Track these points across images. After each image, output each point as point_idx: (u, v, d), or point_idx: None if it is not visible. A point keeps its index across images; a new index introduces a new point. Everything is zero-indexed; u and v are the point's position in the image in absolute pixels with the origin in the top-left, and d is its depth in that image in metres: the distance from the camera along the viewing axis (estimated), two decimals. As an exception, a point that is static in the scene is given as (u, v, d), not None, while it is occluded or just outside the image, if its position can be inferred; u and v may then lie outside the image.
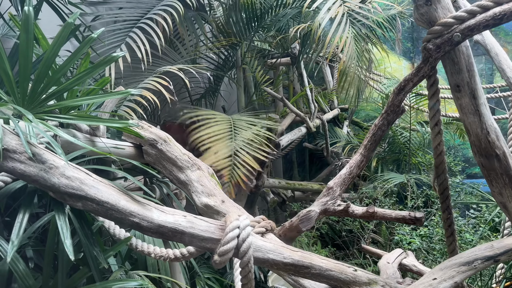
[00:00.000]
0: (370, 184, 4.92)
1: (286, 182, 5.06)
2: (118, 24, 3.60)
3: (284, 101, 4.63)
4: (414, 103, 5.17)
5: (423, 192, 4.63)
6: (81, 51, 1.93)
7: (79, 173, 1.57)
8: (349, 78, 3.75)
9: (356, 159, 2.03)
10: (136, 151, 2.46)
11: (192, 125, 3.40)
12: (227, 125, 3.58)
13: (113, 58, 2.00)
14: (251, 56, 4.89)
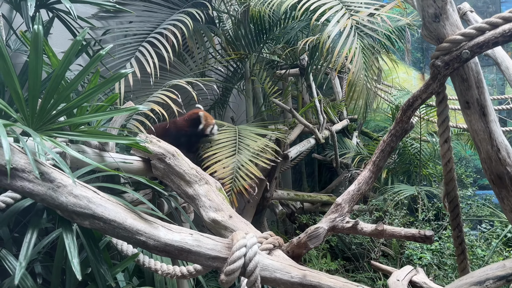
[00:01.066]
0: (380, 196, 4.86)
1: (295, 194, 5.04)
2: (128, 38, 3.65)
3: (292, 112, 4.62)
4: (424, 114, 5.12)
5: (434, 205, 4.56)
6: (90, 67, 1.95)
7: (86, 192, 1.58)
8: (358, 89, 3.73)
9: (364, 175, 2.01)
10: (144, 165, 2.48)
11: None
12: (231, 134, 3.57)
13: (122, 75, 2.02)
14: (260, 67, 4.90)
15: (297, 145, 4.71)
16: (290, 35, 4.36)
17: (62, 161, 1.51)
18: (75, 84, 1.92)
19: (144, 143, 2.31)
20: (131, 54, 3.46)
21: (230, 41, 4.38)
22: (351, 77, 3.46)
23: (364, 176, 1.98)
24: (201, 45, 4.03)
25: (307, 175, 6.54)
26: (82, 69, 1.92)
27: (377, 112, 5.57)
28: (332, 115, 5.68)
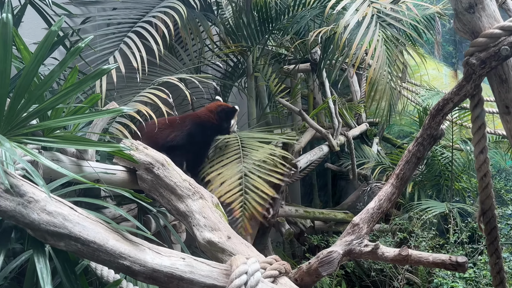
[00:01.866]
0: (405, 213, 4.85)
1: (305, 210, 5.04)
2: (112, 28, 3.68)
3: (302, 114, 4.63)
4: (457, 118, 5.12)
5: (468, 225, 4.55)
6: (67, 62, 1.97)
7: (62, 208, 1.59)
8: (380, 88, 3.75)
9: (386, 191, 2.02)
10: (129, 176, 2.49)
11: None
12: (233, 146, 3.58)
13: (104, 71, 2.04)
14: (264, 62, 4.91)
15: (308, 153, 4.72)
16: (300, 24, 4.38)
17: (35, 171, 1.53)
18: (49, 82, 1.94)
19: (129, 150, 2.32)
20: (114, 46, 3.49)
21: (230, 31, 4.40)
22: (372, 74, 3.48)
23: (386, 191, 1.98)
24: (196, 36, 4.05)
25: (319, 189, 6.53)
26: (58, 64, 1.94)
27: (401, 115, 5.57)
28: (349, 118, 5.69)
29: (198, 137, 3.27)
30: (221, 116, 3.34)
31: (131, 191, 2.13)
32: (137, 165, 2.45)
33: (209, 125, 3.31)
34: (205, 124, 3.31)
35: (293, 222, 5.16)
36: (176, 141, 3.23)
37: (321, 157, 5.13)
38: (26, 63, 2.04)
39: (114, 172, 2.37)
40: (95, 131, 2.36)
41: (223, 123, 3.35)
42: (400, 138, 6.42)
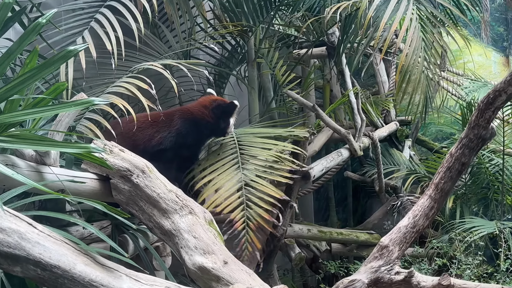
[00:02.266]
0: (444, 234, 4.83)
1: (319, 230, 5.02)
2: (81, 2, 3.68)
3: (317, 110, 4.61)
4: (509, 116, 5.11)
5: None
6: (23, 43, 1.98)
7: (18, 224, 1.59)
8: (413, 78, 3.75)
9: (423, 205, 2.01)
10: (101, 185, 2.49)
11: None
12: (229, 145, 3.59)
13: (70, 53, 2.05)
14: (269, 46, 4.91)
15: (323, 158, 4.70)
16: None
17: (-16, 179, 1.52)
18: (2, 67, 1.94)
19: (101, 153, 2.32)
20: (84, 25, 3.49)
21: (227, 7, 4.40)
22: (403, 60, 3.47)
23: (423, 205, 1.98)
24: (185, 13, 4.05)
25: (337, 203, 6.50)
26: (13, 45, 1.95)
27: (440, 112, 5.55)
28: (375, 115, 5.68)
29: (189, 138, 3.27)
30: (216, 113, 3.34)
31: (104, 204, 2.12)
32: (111, 172, 2.44)
33: (203, 124, 3.31)
34: (198, 122, 3.30)
35: (305, 245, 5.14)
36: (163, 144, 3.23)
37: (339, 164, 5.11)
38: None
39: (82, 180, 2.37)
40: (60, 129, 2.35)
41: (220, 122, 3.35)
42: (438, 141, 6.39)
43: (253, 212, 3.17)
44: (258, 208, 3.19)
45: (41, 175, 2.24)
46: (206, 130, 3.36)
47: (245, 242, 3.13)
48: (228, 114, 3.37)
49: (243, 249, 3.13)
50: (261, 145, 3.57)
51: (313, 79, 5.50)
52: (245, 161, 3.44)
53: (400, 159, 5.79)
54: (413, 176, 5.50)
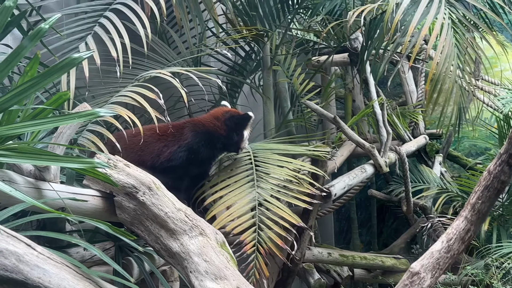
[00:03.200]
0: (479, 260, 4.77)
1: (341, 254, 4.98)
2: (84, 6, 3.71)
3: (338, 122, 4.60)
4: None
5: None
6: (24, 50, 2.00)
7: (15, 245, 1.59)
8: (445, 88, 3.72)
9: (458, 227, 1.99)
10: (104, 203, 2.49)
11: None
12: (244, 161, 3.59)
13: (75, 60, 2.06)
14: (286, 52, 4.91)
15: (345, 175, 4.67)
16: (335, 1, 4.40)
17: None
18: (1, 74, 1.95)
19: (105, 168, 2.32)
20: (87, 30, 3.52)
21: (240, 10, 4.42)
22: (434, 68, 3.45)
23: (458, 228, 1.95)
24: (196, 17, 4.08)
25: (360, 224, 6.47)
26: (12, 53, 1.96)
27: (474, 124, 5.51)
28: (402, 128, 5.65)
29: (201, 153, 3.26)
30: (229, 125, 3.34)
31: (107, 223, 2.12)
32: (115, 188, 2.44)
33: (216, 137, 3.31)
34: (210, 135, 3.30)
35: (325, 270, 5.10)
36: (173, 160, 3.22)
37: (363, 181, 5.07)
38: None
39: (85, 198, 2.37)
40: (61, 142, 2.37)
41: (233, 135, 3.35)
42: (471, 156, 6.34)
43: (265, 235, 3.15)
44: (271, 232, 3.16)
45: (40, 191, 2.25)
46: (218, 144, 3.36)
47: (253, 268, 3.11)
48: (242, 126, 3.38)
49: (250, 275, 3.11)
50: (278, 163, 3.57)
51: (334, 89, 5.49)
52: (260, 179, 3.43)
53: (430, 176, 5.74)
54: (445, 195, 5.45)
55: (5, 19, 1.92)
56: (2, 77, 1.96)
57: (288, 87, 5.09)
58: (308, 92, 4.89)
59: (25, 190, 2.18)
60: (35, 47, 2.30)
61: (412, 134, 5.97)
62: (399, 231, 6.22)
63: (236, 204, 3.30)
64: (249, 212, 3.27)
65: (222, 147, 3.42)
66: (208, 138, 3.31)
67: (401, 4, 3.47)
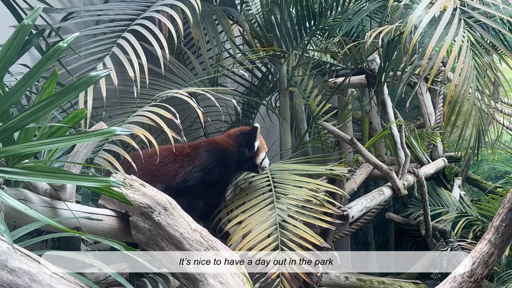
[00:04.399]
0: (501, 286, 4.68)
1: (358, 278, 4.91)
2: (102, 26, 3.74)
3: (355, 144, 4.57)
4: None
5: None
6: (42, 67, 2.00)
7: (29, 264, 1.58)
8: (464, 110, 3.68)
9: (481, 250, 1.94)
10: (119, 223, 2.48)
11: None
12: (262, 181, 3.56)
13: (92, 79, 2.06)
14: (303, 73, 4.91)
15: (362, 197, 4.62)
16: (352, 23, 4.40)
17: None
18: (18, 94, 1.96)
19: (121, 187, 2.31)
20: (105, 51, 3.54)
21: (257, 31, 4.43)
22: (453, 90, 3.41)
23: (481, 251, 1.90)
24: (213, 38, 4.09)
25: (378, 248, 6.40)
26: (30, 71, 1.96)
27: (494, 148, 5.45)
28: (420, 150, 5.60)
29: (216, 173, 3.24)
30: (240, 141, 3.35)
31: (122, 243, 2.10)
32: (130, 208, 2.43)
33: (229, 155, 3.30)
34: (224, 153, 3.29)
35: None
36: (188, 181, 3.20)
37: (380, 204, 5.03)
38: (-13, 68, 2.07)
39: (100, 217, 2.36)
40: (77, 160, 2.36)
41: (244, 151, 3.33)
42: (491, 180, 6.26)
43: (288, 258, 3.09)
44: (294, 255, 3.11)
45: (55, 211, 2.24)
46: (232, 162, 3.33)
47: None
48: (251, 139, 3.36)
49: None
50: (297, 183, 3.53)
51: (350, 110, 5.47)
52: (280, 200, 3.39)
53: (449, 199, 5.68)
54: (464, 219, 5.37)
55: (24, 37, 1.93)
56: (20, 95, 1.96)
57: (305, 108, 5.08)
58: (325, 114, 4.87)
59: (41, 209, 2.17)
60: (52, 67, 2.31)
61: (431, 157, 5.93)
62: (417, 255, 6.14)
63: (257, 228, 3.25)
64: (270, 235, 3.22)
65: (237, 165, 3.38)
66: (222, 157, 3.28)
67: (419, 25, 3.45)
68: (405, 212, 5.90)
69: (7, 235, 1.51)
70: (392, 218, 5.94)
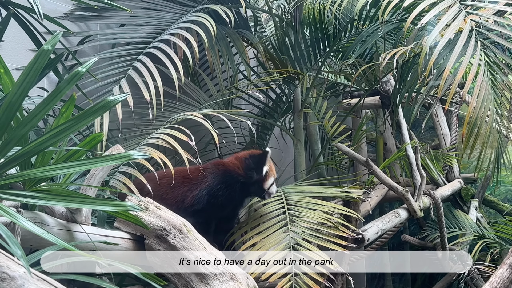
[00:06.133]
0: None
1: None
2: (118, 49, 3.78)
3: (370, 165, 4.54)
4: None
5: None
6: (61, 93, 2.01)
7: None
8: (482, 132, 3.65)
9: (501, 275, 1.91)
10: (134, 246, 2.48)
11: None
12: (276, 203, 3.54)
13: (110, 103, 2.07)
14: (317, 94, 4.92)
15: (378, 219, 4.58)
16: (366, 44, 4.40)
17: (12, 237, 1.52)
18: (36, 118, 1.97)
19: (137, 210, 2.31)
20: (121, 73, 3.57)
21: (271, 53, 4.46)
22: (470, 112, 3.39)
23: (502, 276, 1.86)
24: (227, 60, 4.12)
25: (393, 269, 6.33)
26: (49, 95, 1.98)
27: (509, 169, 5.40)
28: (435, 172, 5.56)
29: (221, 195, 3.20)
30: (248, 163, 3.30)
31: (137, 267, 2.10)
32: (145, 231, 2.43)
33: (235, 177, 3.26)
34: (230, 175, 3.26)
35: (357, 318, 4.97)
36: (195, 205, 3.17)
37: (396, 226, 4.97)
38: (6, 92, 2.10)
39: (115, 241, 2.36)
40: (93, 183, 2.37)
41: (252, 173, 3.29)
42: (508, 202, 6.20)
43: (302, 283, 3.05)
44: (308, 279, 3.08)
45: (71, 234, 2.25)
46: (238, 185, 3.27)
47: None
48: (260, 162, 3.31)
49: None
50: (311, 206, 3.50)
51: (365, 131, 5.45)
52: (293, 223, 3.36)
53: (465, 221, 5.62)
54: (482, 242, 5.31)
55: (43, 62, 1.95)
56: (38, 120, 1.97)
57: (319, 129, 5.08)
58: (339, 135, 4.86)
59: (57, 232, 2.18)
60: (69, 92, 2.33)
61: (447, 178, 5.88)
62: (434, 278, 6.07)
63: (270, 251, 3.21)
64: (284, 258, 3.18)
65: (244, 188, 3.31)
66: (227, 178, 3.24)
67: (434, 47, 3.44)
68: (421, 234, 5.86)
69: (24, 260, 1.51)
70: (408, 240, 5.89)
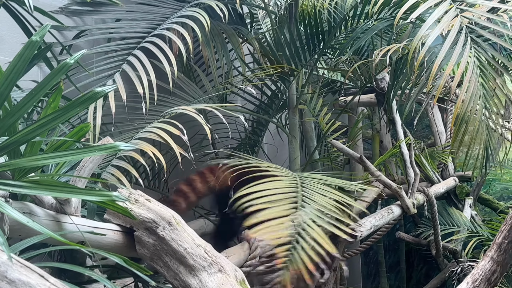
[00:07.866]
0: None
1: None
2: (113, 44, 3.78)
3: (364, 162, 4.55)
4: None
5: None
6: (49, 83, 2.02)
7: (29, 275, 1.57)
8: (471, 128, 3.65)
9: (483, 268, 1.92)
10: (124, 238, 2.48)
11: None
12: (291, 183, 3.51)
13: (98, 94, 2.07)
14: (313, 91, 4.92)
15: (371, 216, 4.59)
16: (361, 41, 4.40)
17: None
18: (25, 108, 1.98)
19: (125, 202, 2.32)
20: (115, 68, 3.57)
21: (267, 49, 4.46)
22: (459, 107, 3.40)
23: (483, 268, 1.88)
24: (223, 56, 4.12)
25: (388, 268, 6.36)
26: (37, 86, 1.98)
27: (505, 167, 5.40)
28: (430, 169, 5.57)
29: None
30: None
31: (124, 258, 2.10)
32: (135, 223, 2.43)
33: None
34: None
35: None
36: None
37: (390, 223, 4.98)
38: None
39: (103, 232, 2.36)
40: (83, 175, 2.37)
41: None
42: (503, 200, 6.22)
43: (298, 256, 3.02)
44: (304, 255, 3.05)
45: (60, 224, 2.24)
46: None
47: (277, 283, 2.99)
48: None
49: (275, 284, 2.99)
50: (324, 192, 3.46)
51: (360, 128, 5.46)
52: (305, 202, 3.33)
53: (460, 219, 5.64)
54: (476, 239, 5.33)
55: (31, 53, 1.95)
56: (26, 109, 1.98)
57: (314, 126, 5.09)
58: (334, 132, 4.87)
59: (46, 223, 2.18)
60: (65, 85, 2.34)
61: (442, 176, 5.89)
62: (428, 275, 6.10)
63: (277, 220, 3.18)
64: (288, 229, 3.15)
65: None
66: None
67: (426, 43, 3.44)
68: (415, 232, 5.87)
69: (5, 246, 1.52)
70: (403, 238, 5.90)
